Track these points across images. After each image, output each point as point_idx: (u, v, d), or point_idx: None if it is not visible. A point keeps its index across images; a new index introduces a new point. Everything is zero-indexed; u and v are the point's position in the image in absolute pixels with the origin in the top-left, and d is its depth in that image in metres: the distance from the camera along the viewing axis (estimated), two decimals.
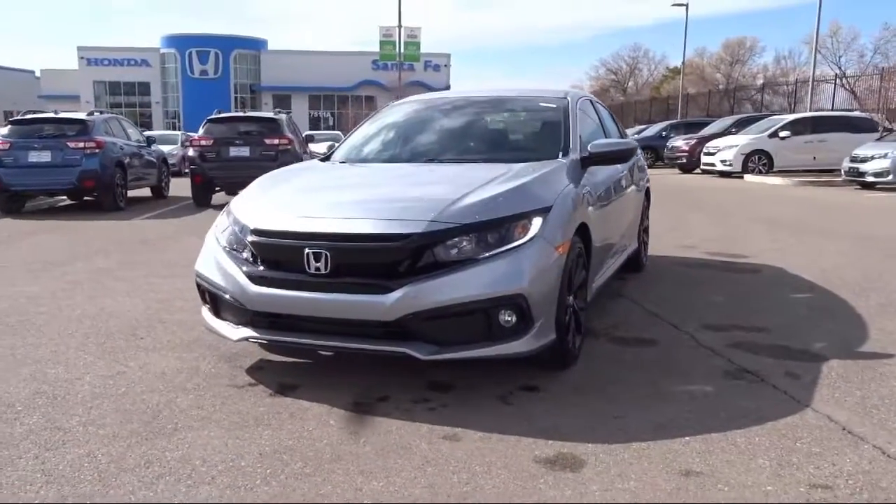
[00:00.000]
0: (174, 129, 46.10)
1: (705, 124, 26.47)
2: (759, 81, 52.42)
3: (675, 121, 29.89)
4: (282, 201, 3.82)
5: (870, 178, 15.40)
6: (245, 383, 3.68)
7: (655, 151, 27.14)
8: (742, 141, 20.14)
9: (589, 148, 4.38)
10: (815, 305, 5.22)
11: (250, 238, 3.56)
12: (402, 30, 26.57)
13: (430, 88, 55.46)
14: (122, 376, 3.81)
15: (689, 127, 26.96)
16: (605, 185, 4.66)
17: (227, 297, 3.61)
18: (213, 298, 3.78)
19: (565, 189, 3.79)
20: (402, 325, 3.26)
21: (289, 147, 12.91)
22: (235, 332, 3.64)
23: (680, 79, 58.36)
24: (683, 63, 39.02)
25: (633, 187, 5.73)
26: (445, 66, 59.85)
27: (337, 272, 3.32)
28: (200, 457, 2.84)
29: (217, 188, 13.47)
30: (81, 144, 11.87)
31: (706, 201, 13.28)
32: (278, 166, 12.61)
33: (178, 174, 19.98)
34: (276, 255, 3.50)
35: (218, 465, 2.77)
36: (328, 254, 3.31)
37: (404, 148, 4.82)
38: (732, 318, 4.83)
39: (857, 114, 21.80)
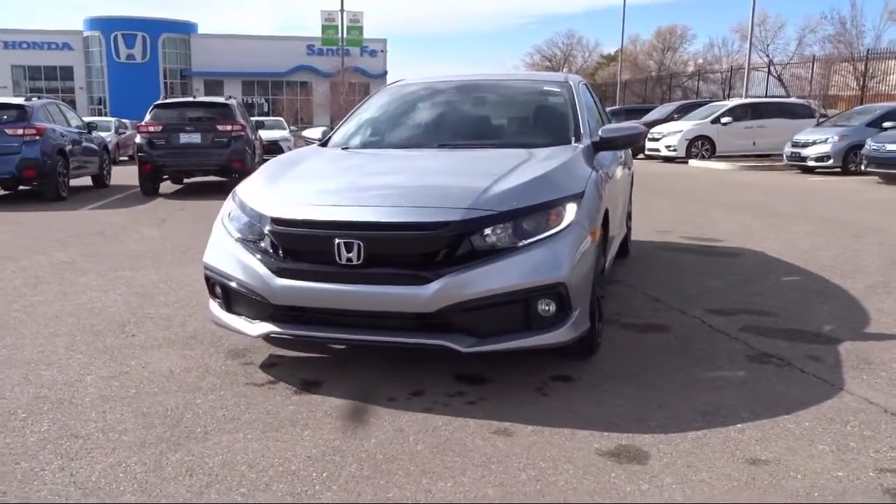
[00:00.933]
0: (100, 115, 44.35)
1: (645, 111, 26.93)
2: (690, 68, 53.80)
3: (615, 107, 30.29)
4: (300, 189, 3.63)
5: (811, 163, 15.91)
6: (264, 381, 3.49)
7: None
8: (686, 127, 20.55)
9: (600, 133, 4.31)
10: (808, 288, 5.31)
11: (270, 228, 3.35)
12: (345, 14, 26.06)
13: (367, 74, 55.03)
14: (127, 377, 3.57)
15: (630, 113, 27.32)
16: (611, 169, 4.61)
17: (244, 290, 3.41)
18: (226, 292, 3.57)
19: (591, 175, 3.71)
20: (440, 317, 3.13)
21: (242, 133, 12.51)
22: (253, 327, 3.44)
23: (614, 65, 59.42)
24: (622, 50, 39.67)
25: (627, 172, 5.72)
26: (382, 51, 59.28)
27: (370, 263, 3.16)
28: (245, 462, 2.66)
29: (165, 177, 12.97)
30: (20, 131, 11.20)
31: (662, 186, 13.48)
32: (231, 153, 12.42)
33: (115, 162, 19.16)
34: (302, 245, 3.31)
35: (267, 470, 2.60)
36: (361, 244, 3.14)
37: (412, 133, 4.65)
38: (735, 303, 4.87)
39: (794, 100, 22.54)
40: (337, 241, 3.17)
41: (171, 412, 3.13)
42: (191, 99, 14.47)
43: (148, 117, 12.63)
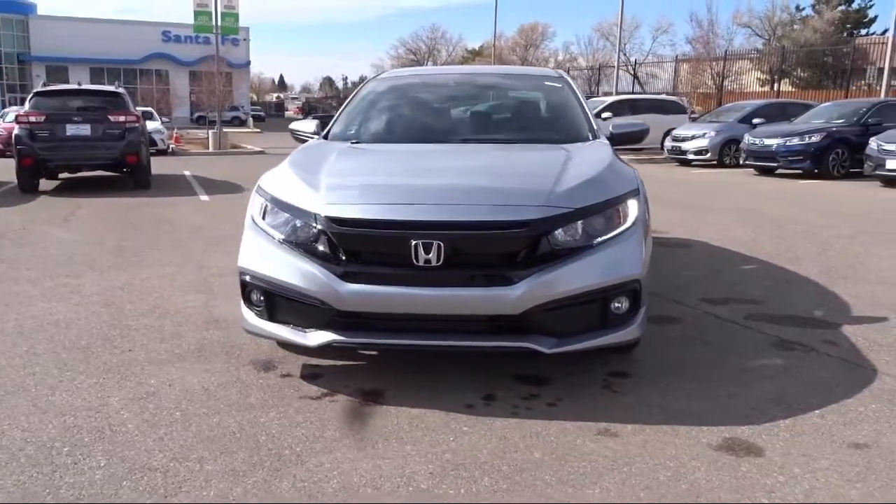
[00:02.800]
0: None
1: None
2: (551, 65, 55.72)
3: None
4: (354, 186, 3.39)
5: (690, 156, 16.95)
6: (319, 394, 3.25)
7: None
8: None
9: (612, 129, 4.35)
10: (773, 276, 5.63)
11: (331, 228, 3.11)
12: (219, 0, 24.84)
13: (229, 64, 52.76)
14: (157, 398, 3.21)
15: None
16: None
17: (298, 297, 3.15)
18: (269, 299, 3.29)
19: (634, 171, 3.74)
20: (524, 319, 3.04)
21: (136, 125, 11.64)
22: (308, 336, 3.19)
23: (479, 60, 60.58)
24: (494, 45, 40.40)
25: None
26: (245, 40, 57.02)
27: (448, 264, 3.01)
28: (368, 484, 2.47)
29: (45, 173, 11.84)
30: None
31: None
32: (126, 146, 11.53)
33: None
34: (373, 247, 3.11)
35: (397, 489, 2.43)
36: (441, 244, 2.99)
37: (429, 128, 4.47)
38: (721, 292, 5.08)
39: (666, 97, 23.89)
40: (413, 241, 3.00)
41: (241, 434, 2.84)
42: (76, 87, 13.24)
43: (28, 106, 11.45)
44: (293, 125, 4.71)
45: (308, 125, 4.60)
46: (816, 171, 13.56)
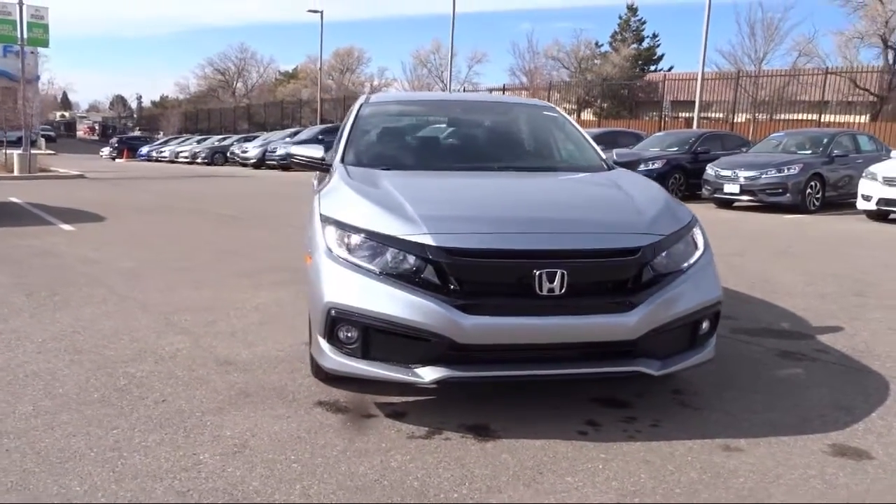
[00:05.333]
0: None
1: None
2: (367, 89, 56.38)
3: (332, 125, 30.55)
4: (450, 217, 3.28)
5: None
6: (425, 433, 3.11)
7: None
8: None
9: (616, 158, 4.58)
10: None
11: (447, 260, 3.01)
12: (25, 8, 22.26)
13: (13, 79, 47.80)
14: (252, 450, 2.92)
15: (335, 132, 27.81)
16: None
17: (408, 331, 3.01)
18: (367, 336, 3.10)
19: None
20: (637, 343, 3.13)
21: None
22: (416, 373, 3.07)
23: (294, 83, 59.85)
24: (321, 68, 40.12)
25: None
26: (32, 52, 51.92)
27: (569, 293, 3.04)
28: None
29: None
30: None
31: None
32: None
33: None
34: (494, 277, 3.06)
35: None
36: (564, 272, 3.01)
37: (458, 156, 4.43)
38: None
39: None
40: (536, 271, 2.99)
41: (387, 482, 2.67)
42: None
43: None
44: (297, 150, 4.43)
45: (315, 151, 4.35)
46: None
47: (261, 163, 29.57)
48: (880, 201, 11.57)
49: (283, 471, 2.74)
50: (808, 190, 12.99)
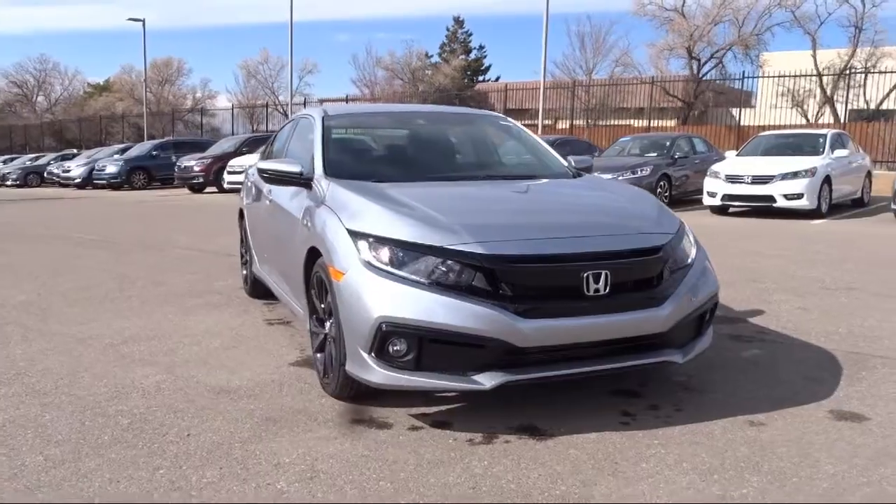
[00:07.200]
0: None
1: (197, 144, 26.70)
2: (189, 102, 53.91)
3: (163, 140, 28.99)
4: (486, 226, 3.33)
5: None
6: (482, 439, 3.16)
7: (149, 172, 26.13)
8: (253, 160, 21.03)
9: (575, 164, 4.84)
10: None
11: (498, 267, 3.10)
12: None
13: None
14: (325, 475, 2.85)
15: (181, 147, 26.56)
16: None
17: (464, 339, 3.06)
18: (420, 347, 3.11)
19: None
20: (666, 334, 3.37)
21: None
22: (474, 380, 3.12)
23: (106, 95, 55.92)
24: (146, 80, 37.71)
25: None
26: None
27: (612, 292, 3.23)
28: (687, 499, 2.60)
29: None
30: None
31: None
32: None
33: None
34: (547, 281, 3.18)
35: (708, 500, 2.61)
36: (608, 273, 3.20)
37: (440, 166, 4.48)
38: None
39: None
40: (584, 273, 3.16)
41: (482, 492, 2.71)
42: None
43: None
44: (271, 165, 4.26)
45: (291, 166, 4.19)
46: None
47: (86, 183, 27.33)
48: (724, 196, 12.86)
49: (376, 489, 2.71)
50: (659, 189, 14.12)
